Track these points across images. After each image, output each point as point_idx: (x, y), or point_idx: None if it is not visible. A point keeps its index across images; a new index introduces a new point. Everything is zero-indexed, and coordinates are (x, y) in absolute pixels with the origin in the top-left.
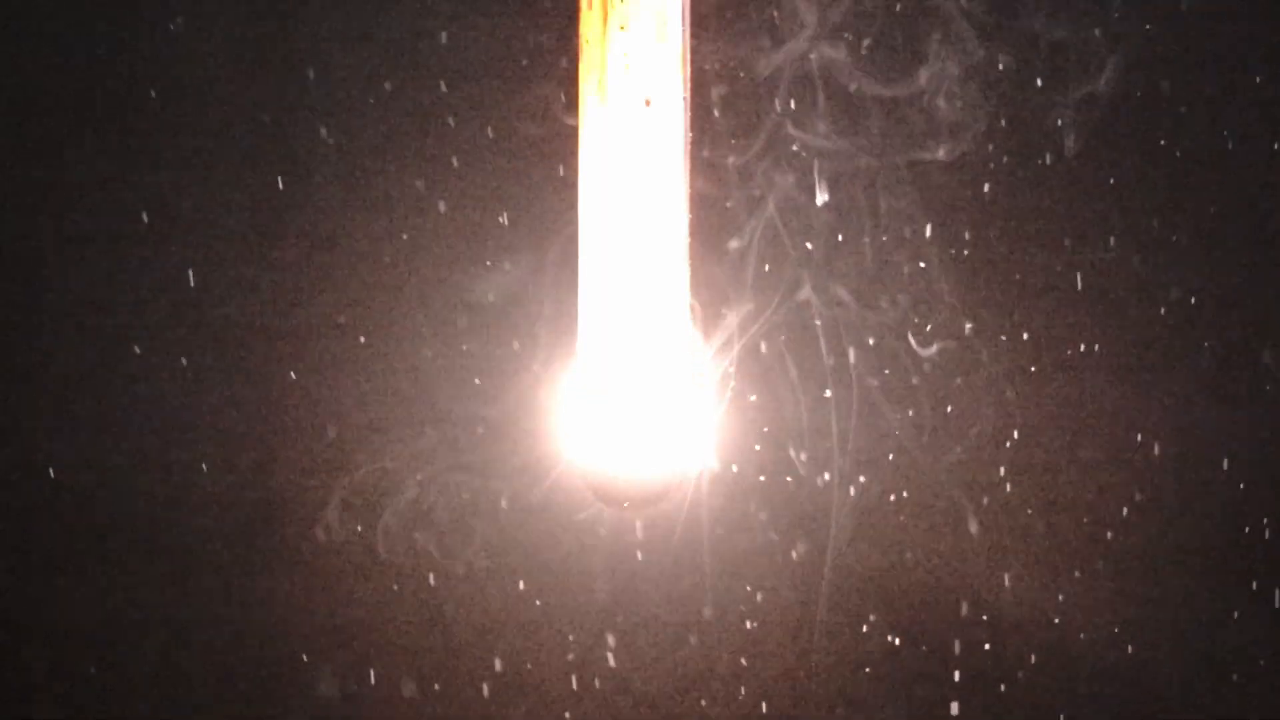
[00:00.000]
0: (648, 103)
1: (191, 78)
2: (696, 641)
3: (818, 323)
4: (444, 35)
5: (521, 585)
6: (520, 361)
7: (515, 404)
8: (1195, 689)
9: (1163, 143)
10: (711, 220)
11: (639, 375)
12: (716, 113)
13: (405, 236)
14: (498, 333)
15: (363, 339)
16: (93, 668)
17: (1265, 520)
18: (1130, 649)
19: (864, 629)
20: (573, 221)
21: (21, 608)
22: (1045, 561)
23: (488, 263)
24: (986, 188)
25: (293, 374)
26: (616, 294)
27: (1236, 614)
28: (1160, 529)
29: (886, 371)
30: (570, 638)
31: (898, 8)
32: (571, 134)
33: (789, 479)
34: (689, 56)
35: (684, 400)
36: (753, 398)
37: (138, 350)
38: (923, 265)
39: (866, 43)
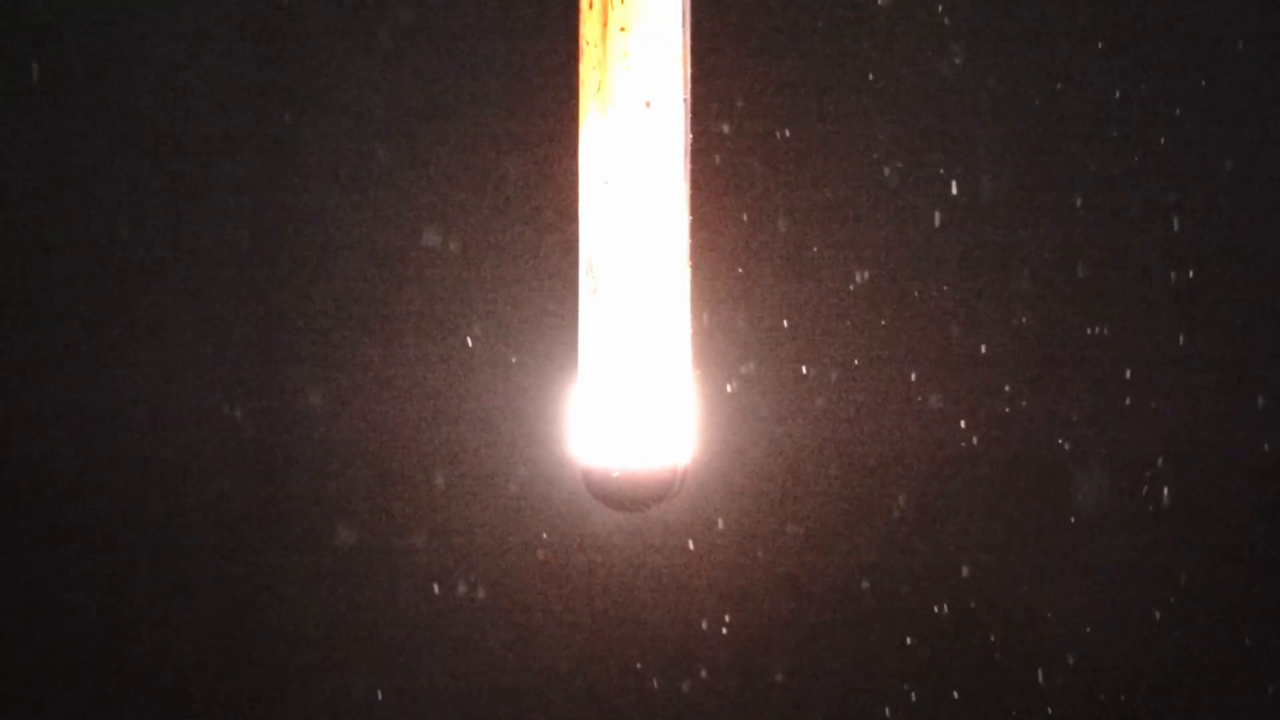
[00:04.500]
0: (648, 104)
1: (196, 79)
2: (698, 640)
3: (817, 322)
4: (444, 36)
5: (524, 585)
6: (521, 362)
7: (515, 406)
8: (1200, 686)
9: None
10: (712, 219)
11: (639, 376)
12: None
13: (404, 238)
14: (498, 333)
15: (362, 340)
16: (93, 668)
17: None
18: (1131, 647)
19: (865, 627)
20: (573, 221)
21: (21, 607)
22: (1044, 559)
23: (488, 263)
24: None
25: (295, 374)
26: (617, 294)
27: (1237, 612)
28: (1163, 527)
29: (888, 371)
30: (574, 636)
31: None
32: (572, 134)
33: (789, 478)
34: (689, 58)
35: (684, 401)
36: (752, 397)
37: (138, 350)
38: (926, 265)
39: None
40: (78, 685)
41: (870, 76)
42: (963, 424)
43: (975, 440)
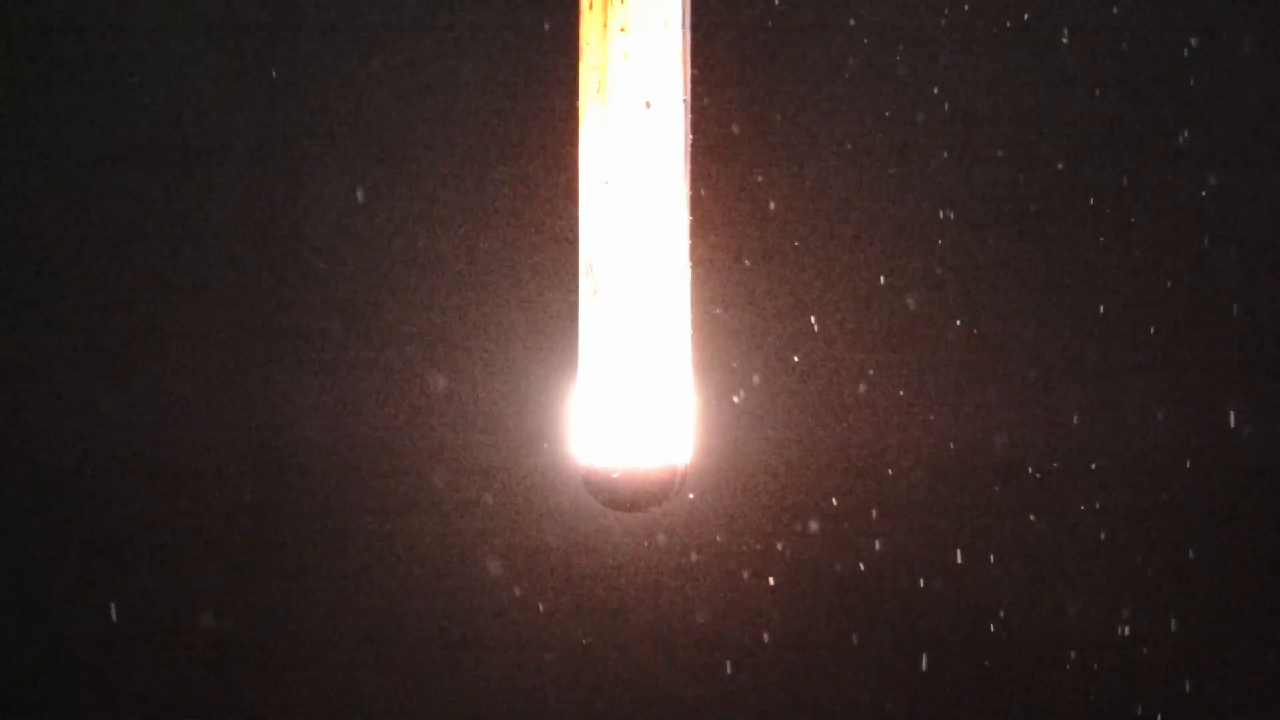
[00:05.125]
0: (648, 104)
1: (194, 81)
2: (698, 640)
3: (818, 323)
4: (445, 37)
5: (524, 585)
6: (521, 362)
7: (515, 406)
8: (1197, 689)
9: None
10: (712, 221)
11: (639, 377)
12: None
13: (406, 237)
14: (498, 333)
15: (361, 340)
16: (93, 668)
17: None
18: (1131, 651)
19: (865, 627)
20: (573, 221)
21: (21, 608)
22: (1041, 560)
23: (488, 264)
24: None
25: (295, 375)
26: (616, 295)
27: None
28: (1163, 530)
29: (888, 371)
30: (574, 636)
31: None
32: (572, 135)
33: (789, 478)
34: (689, 58)
35: (684, 402)
36: (752, 397)
37: (140, 351)
38: (927, 265)
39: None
40: (77, 686)
41: (871, 76)
42: (963, 424)
43: (976, 440)
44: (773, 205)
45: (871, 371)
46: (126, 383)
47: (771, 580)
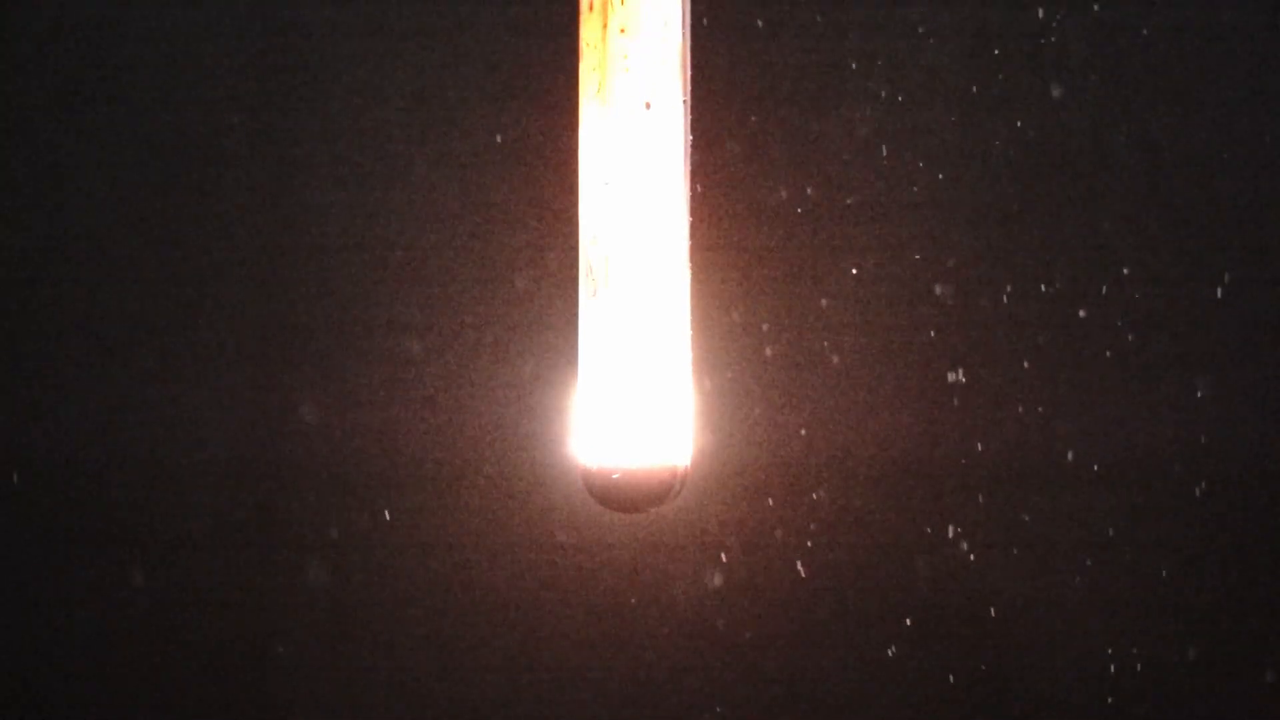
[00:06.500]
0: (648, 105)
1: (196, 81)
2: (697, 640)
3: (818, 323)
4: (445, 38)
5: (524, 586)
6: (521, 364)
7: (515, 406)
8: (1194, 691)
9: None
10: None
11: (639, 378)
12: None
13: (405, 238)
14: (498, 334)
15: (362, 341)
16: (92, 668)
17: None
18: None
19: (865, 628)
20: (573, 223)
21: (21, 607)
22: (1042, 560)
23: (488, 264)
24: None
25: (295, 375)
26: (616, 296)
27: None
28: (1160, 530)
29: (888, 373)
30: (573, 637)
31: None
32: (572, 136)
33: (789, 479)
34: (689, 58)
35: (683, 402)
36: (752, 398)
37: (139, 352)
38: (927, 266)
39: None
40: (77, 685)
41: (872, 76)
42: (962, 426)
43: (975, 442)
44: (773, 205)
45: (873, 373)
46: (128, 383)
47: (771, 580)
